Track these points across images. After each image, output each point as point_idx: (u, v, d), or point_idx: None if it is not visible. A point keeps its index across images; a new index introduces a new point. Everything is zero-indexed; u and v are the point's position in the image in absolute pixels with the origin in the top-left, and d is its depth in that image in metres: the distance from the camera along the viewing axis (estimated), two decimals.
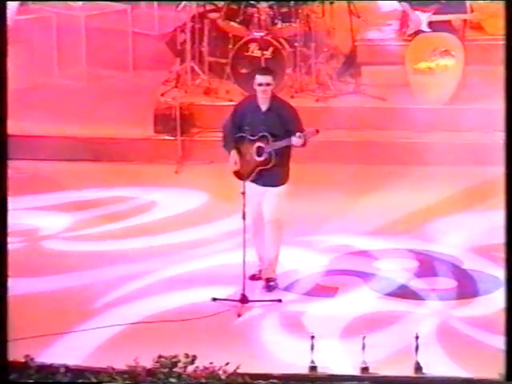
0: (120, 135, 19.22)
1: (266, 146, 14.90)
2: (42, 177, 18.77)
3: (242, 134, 15.13)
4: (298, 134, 14.84)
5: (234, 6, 20.20)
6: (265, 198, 14.94)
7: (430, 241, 16.46)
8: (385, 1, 22.05)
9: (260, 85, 15.35)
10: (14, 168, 17.83)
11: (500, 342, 13.57)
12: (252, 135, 14.99)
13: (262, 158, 14.98)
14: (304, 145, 14.94)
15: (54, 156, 19.23)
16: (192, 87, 19.77)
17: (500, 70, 18.37)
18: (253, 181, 14.91)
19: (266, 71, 16.06)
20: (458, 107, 19.70)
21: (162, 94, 19.84)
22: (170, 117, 19.26)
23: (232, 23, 19.79)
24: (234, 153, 15.27)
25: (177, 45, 20.38)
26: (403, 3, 20.79)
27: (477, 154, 18.80)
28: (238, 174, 15.01)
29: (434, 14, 20.28)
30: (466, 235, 16.66)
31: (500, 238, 15.15)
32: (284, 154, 14.91)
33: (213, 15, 20.42)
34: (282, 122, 15.08)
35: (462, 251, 16.16)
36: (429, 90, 20.09)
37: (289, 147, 14.99)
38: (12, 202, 15.89)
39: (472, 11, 20.56)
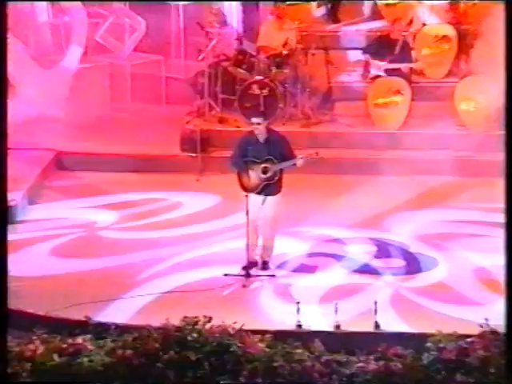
0: (155, 153, 19.59)
1: (271, 166, 15.20)
2: (99, 184, 18.96)
3: (247, 159, 15.45)
4: (300, 156, 15.31)
5: (241, 57, 20.35)
6: (266, 204, 15.33)
7: (386, 231, 16.79)
8: (352, 51, 22.07)
9: (254, 123, 15.78)
10: (78, 177, 19.56)
11: (437, 306, 14.34)
12: (257, 159, 15.32)
13: (267, 175, 15.32)
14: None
15: (107, 168, 19.46)
16: (209, 117, 19.99)
17: (439, 105, 20.72)
18: (258, 193, 15.34)
19: (258, 114, 16.47)
20: (407, 132, 19.88)
21: (187, 122, 19.84)
22: (193, 139, 19.41)
23: (239, 69, 20.04)
24: (237, 175, 15.81)
25: (198, 85, 20.63)
26: (366, 55, 21.11)
27: (423, 166, 19.00)
28: (244, 188, 15.43)
29: (389, 63, 20.54)
30: (412, 227, 17.02)
31: (437, 229, 17.16)
32: (282, 171, 15.32)
33: (224, 63, 20.53)
34: (279, 148, 15.43)
35: (409, 239, 16.56)
36: (385, 120, 20.49)
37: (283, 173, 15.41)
38: (76, 203, 18.37)
39: (416, 61, 21.08)
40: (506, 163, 11.03)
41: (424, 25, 21.93)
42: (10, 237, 14.26)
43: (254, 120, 15.49)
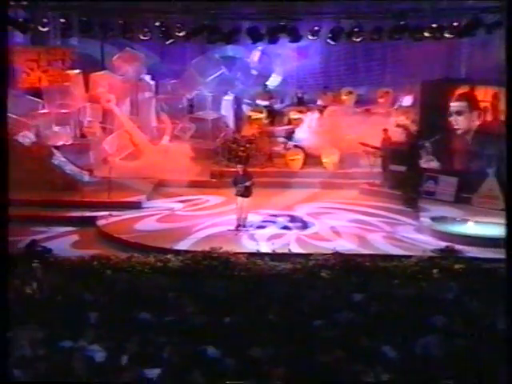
0: (200, 179, 18.43)
1: (245, 186, 15.33)
2: (174, 192, 18.09)
3: (237, 183, 15.49)
4: (251, 181, 15.31)
5: (234, 139, 18.99)
6: (244, 201, 15.44)
7: (293, 211, 16.71)
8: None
9: (238, 168, 15.79)
10: (169, 191, 18.25)
11: (313, 242, 14.70)
12: (240, 183, 15.38)
13: (244, 190, 15.36)
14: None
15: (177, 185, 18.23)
16: (221, 164, 18.64)
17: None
18: (241, 195, 15.43)
19: (240, 163, 16.47)
20: (303, 170, 18.86)
21: (212, 165, 18.80)
22: (214, 174, 18.40)
23: (233, 145, 18.74)
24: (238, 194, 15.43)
25: (217, 150, 18.97)
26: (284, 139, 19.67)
27: (308, 184, 18.16)
28: (236, 194, 15.49)
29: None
30: (304, 210, 16.87)
31: (314, 210, 16.66)
32: (250, 188, 15.33)
33: (227, 142, 18.96)
34: (248, 177, 15.48)
35: (303, 214, 16.56)
36: (293, 165, 19.25)
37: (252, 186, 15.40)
38: (166, 202, 17.58)
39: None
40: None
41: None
42: (139, 212, 16.34)
43: (238, 166, 16.11)
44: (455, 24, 14.71)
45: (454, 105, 16.79)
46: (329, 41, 15.42)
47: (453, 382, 7.01)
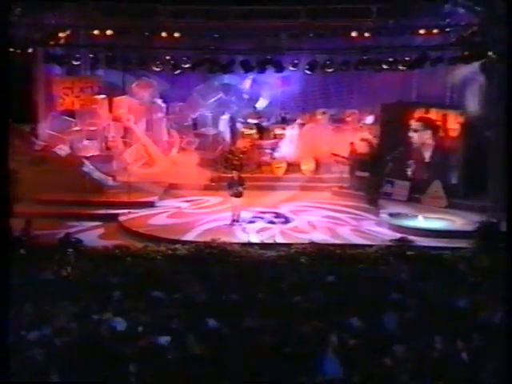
0: (202, 183, 17.73)
1: (239, 188, 15.24)
2: (182, 193, 17.59)
3: (230, 186, 15.30)
4: (244, 186, 15.28)
5: (231, 150, 18.59)
6: (237, 200, 15.28)
7: (277, 209, 16.37)
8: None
9: (233, 174, 15.61)
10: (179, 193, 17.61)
11: (294, 233, 14.52)
12: (235, 186, 15.22)
13: (237, 192, 15.20)
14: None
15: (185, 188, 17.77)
16: (220, 171, 18.04)
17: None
18: (235, 196, 15.26)
19: (235, 169, 16.47)
20: (285, 176, 18.34)
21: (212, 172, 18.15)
22: (213, 179, 17.84)
23: (229, 155, 18.37)
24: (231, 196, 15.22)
25: (216, 159, 18.47)
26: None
27: (288, 187, 17.69)
28: (232, 195, 15.32)
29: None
30: (286, 208, 16.51)
31: (294, 208, 16.28)
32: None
33: (225, 153, 18.65)
34: (241, 182, 15.39)
35: (285, 211, 16.29)
36: (277, 172, 18.69)
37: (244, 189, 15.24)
38: (176, 201, 17.18)
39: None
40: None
41: None
42: (153, 210, 15.98)
43: (233, 172, 16.19)
44: (407, 58, 14.91)
45: (412, 124, 16.69)
46: (306, 71, 15.52)
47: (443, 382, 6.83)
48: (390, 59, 14.77)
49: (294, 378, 6.61)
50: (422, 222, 15.16)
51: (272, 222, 15.70)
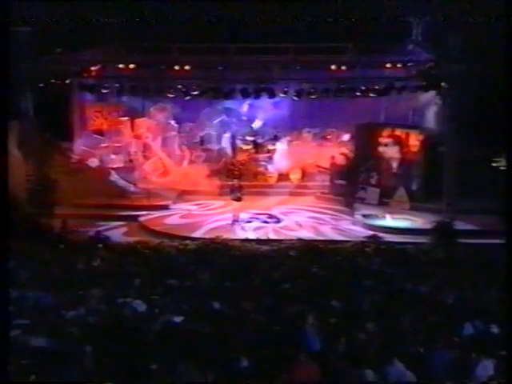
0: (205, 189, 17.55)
1: (238, 194, 15.23)
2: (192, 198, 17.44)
3: (232, 191, 15.28)
4: (242, 192, 15.17)
5: (233, 162, 18.05)
6: (237, 204, 15.23)
7: (270, 211, 16.22)
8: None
9: (234, 182, 15.42)
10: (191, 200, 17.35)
11: (285, 231, 14.51)
12: (235, 193, 15.16)
13: (238, 197, 15.22)
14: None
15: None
16: (224, 179, 17.31)
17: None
18: (236, 200, 15.22)
19: (236, 178, 15.63)
20: (275, 184, 17.98)
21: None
22: (221, 186, 17.45)
23: (231, 167, 17.38)
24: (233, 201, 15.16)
25: (220, 168, 18.17)
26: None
27: (279, 193, 17.63)
28: (233, 199, 15.30)
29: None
30: (278, 210, 16.42)
31: (282, 211, 16.10)
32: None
33: (227, 164, 18.07)
34: (241, 189, 15.27)
35: (276, 213, 16.16)
36: (269, 180, 18.45)
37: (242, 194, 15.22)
38: (186, 205, 16.92)
39: None
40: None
41: None
42: (167, 212, 15.85)
43: (234, 181, 15.76)
44: (377, 87, 14.90)
45: (382, 140, 16.63)
46: (294, 97, 15.51)
47: None
48: (363, 88, 14.86)
49: (282, 351, 6.60)
50: (389, 221, 15.13)
51: (266, 222, 15.66)
